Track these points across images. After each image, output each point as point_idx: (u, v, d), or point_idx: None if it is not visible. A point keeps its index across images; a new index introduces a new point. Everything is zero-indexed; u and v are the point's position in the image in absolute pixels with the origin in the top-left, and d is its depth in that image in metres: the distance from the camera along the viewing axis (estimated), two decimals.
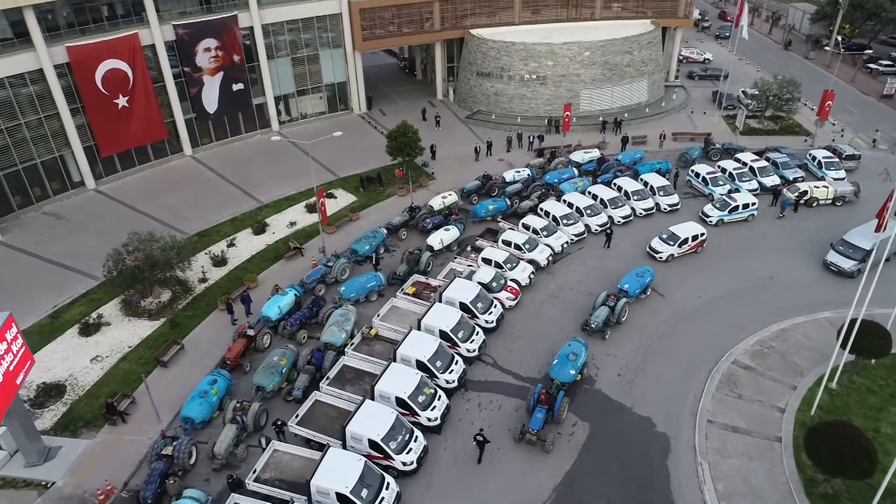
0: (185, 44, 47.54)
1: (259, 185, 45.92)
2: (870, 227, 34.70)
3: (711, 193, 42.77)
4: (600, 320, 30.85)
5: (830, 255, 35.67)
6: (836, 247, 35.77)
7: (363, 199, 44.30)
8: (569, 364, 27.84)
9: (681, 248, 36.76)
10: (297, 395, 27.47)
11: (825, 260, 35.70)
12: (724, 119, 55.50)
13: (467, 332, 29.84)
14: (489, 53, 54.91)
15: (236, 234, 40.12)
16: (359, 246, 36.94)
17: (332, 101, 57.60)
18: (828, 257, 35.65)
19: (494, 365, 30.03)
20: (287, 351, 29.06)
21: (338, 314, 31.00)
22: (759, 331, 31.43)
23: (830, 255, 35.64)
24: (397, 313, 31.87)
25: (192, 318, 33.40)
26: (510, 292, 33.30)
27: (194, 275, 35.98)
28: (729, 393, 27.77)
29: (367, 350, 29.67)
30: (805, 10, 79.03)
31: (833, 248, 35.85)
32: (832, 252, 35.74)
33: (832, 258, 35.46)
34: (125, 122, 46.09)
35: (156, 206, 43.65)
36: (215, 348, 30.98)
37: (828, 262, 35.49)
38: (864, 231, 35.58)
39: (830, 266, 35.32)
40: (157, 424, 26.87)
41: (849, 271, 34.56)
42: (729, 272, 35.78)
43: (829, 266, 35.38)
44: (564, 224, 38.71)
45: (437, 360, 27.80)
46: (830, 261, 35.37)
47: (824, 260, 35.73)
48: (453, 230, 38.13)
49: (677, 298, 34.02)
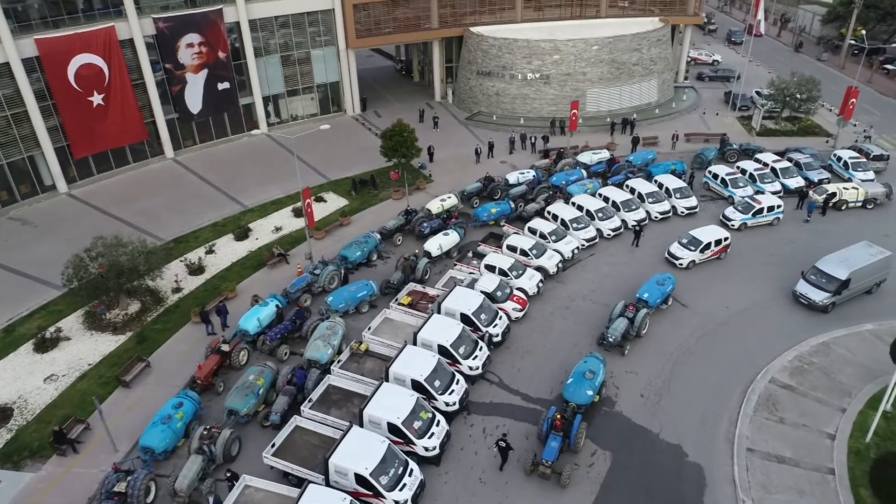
0: (166, 38, 44.55)
1: (244, 189, 42.70)
2: (848, 253, 30.88)
3: (732, 196, 39.62)
4: (618, 333, 27.48)
5: (800, 285, 30.43)
6: (807, 276, 30.45)
7: (355, 203, 41.06)
8: (585, 383, 24.42)
9: (703, 253, 33.48)
10: (275, 420, 23.96)
11: (794, 291, 30.56)
12: (739, 120, 52.57)
13: (469, 347, 26.43)
14: (490, 51, 52.01)
15: (216, 241, 36.77)
16: (349, 252, 33.63)
17: (324, 102, 54.58)
18: (797, 288, 30.43)
19: (500, 384, 26.57)
20: (265, 369, 25.60)
21: (324, 327, 27.59)
22: (797, 345, 28.04)
23: (800, 286, 30.38)
24: (391, 326, 28.46)
25: (162, 331, 29.96)
26: (517, 302, 29.95)
27: (167, 284, 32.59)
28: (769, 416, 24.32)
29: (355, 368, 26.22)
30: (815, 11, 76.63)
31: (804, 277, 30.60)
32: (802, 282, 30.49)
33: (802, 289, 30.22)
34: (100, 121, 42.92)
35: (131, 210, 40.39)
36: (186, 366, 27.50)
37: (797, 293, 30.35)
38: (839, 258, 30.67)
39: (800, 298, 30.19)
40: (113, 455, 23.36)
41: (821, 305, 29.51)
42: (757, 280, 32.48)
43: (799, 298, 30.27)
44: (574, 228, 35.45)
45: (436, 380, 24.36)
46: (800, 292, 30.19)
47: (793, 291, 30.64)
48: (453, 235, 34.86)
49: (702, 309, 30.67)
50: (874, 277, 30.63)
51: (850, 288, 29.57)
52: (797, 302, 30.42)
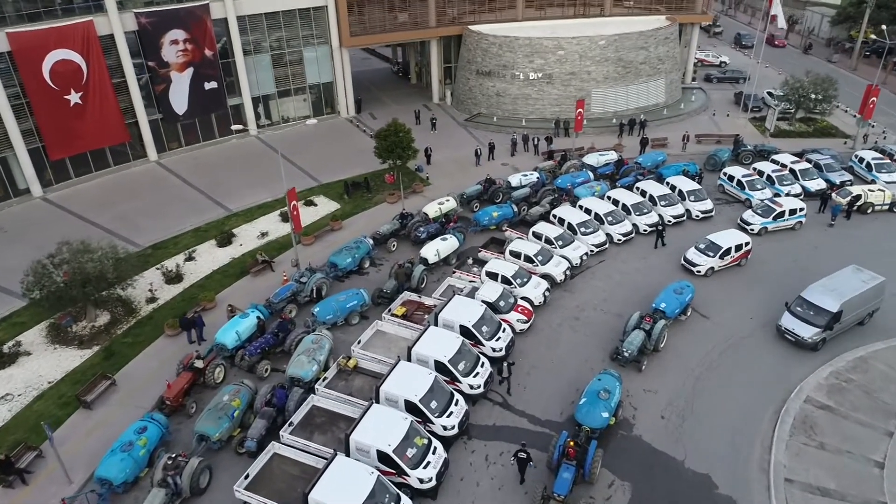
0: (149, 34, 42.18)
1: (230, 193, 40.17)
2: (836, 280, 26.93)
3: (749, 198, 37.13)
4: (635, 347, 24.84)
5: (785, 318, 26.32)
6: (793, 308, 26.39)
7: (348, 207, 38.51)
8: (600, 404, 21.76)
9: (722, 259, 30.91)
10: (251, 446, 21.25)
11: (778, 325, 26.51)
12: (751, 121, 50.22)
13: (470, 362, 23.78)
14: (490, 50, 49.72)
15: (197, 247, 34.19)
16: (339, 258, 31.04)
17: (317, 103, 52.19)
18: (781, 322, 26.35)
19: (505, 405, 23.88)
20: (242, 388, 22.92)
21: (308, 341, 24.93)
22: (832, 360, 25.41)
23: (785, 320, 26.28)
24: (383, 340, 25.82)
25: (133, 345, 27.30)
26: (521, 313, 27.32)
27: (140, 293, 29.98)
28: (807, 441, 21.65)
29: (343, 387, 23.55)
30: (824, 13, 74.66)
31: (788, 309, 26.54)
32: (787, 315, 26.36)
33: (787, 323, 26.10)
34: (78, 121, 40.45)
35: (108, 215, 37.81)
36: (155, 384, 24.80)
37: (781, 328, 26.30)
38: (827, 286, 26.53)
39: (785, 334, 26.14)
40: (68, 486, 20.63)
41: (809, 342, 25.44)
42: (782, 288, 29.83)
43: (784, 334, 26.22)
44: (582, 233, 32.91)
45: (433, 400, 21.70)
46: (785, 327, 26.12)
47: (777, 325, 26.62)
48: (451, 240, 32.30)
49: (724, 320, 28.05)
50: (867, 307, 26.76)
51: (843, 320, 25.70)
52: (782, 338, 26.32)
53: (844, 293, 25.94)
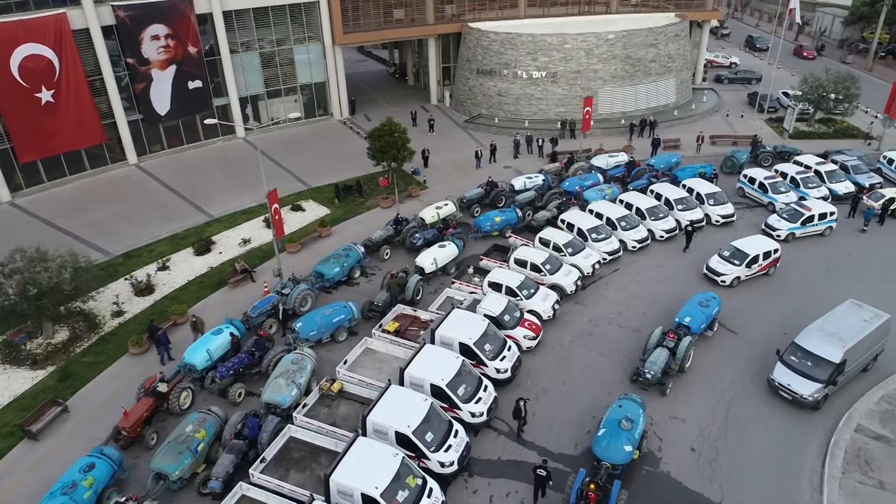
0: (128, 29, 39.51)
1: (212, 197, 37.34)
2: (834, 321, 22.45)
3: (772, 202, 34.33)
4: (658, 368, 21.88)
5: (778, 372, 21.72)
6: (786, 357, 21.85)
7: (338, 212, 35.67)
8: (622, 435, 18.80)
9: (749, 268, 28.03)
10: (215, 486, 18.24)
11: (770, 379, 21.85)
12: (767, 122, 47.52)
13: (471, 386, 20.82)
14: (491, 48, 47.09)
15: (172, 255, 31.30)
16: (326, 268, 28.13)
17: (308, 104, 49.50)
18: (774, 376, 21.72)
19: (511, 435, 20.90)
20: (208, 417, 19.95)
21: (288, 361, 21.98)
22: (881, 381, 22.45)
23: (778, 374, 21.67)
24: (372, 359, 22.88)
25: (93, 365, 24.34)
26: (529, 328, 24.38)
27: (105, 307, 27.06)
28: (863, 479, 18.66)
29: (325, 415, 20.57)
30: (835, 13, 72.30)
31: (781, 359, 21.99)
32: (779, 367, 21.79)
33: (781, 378, 21.50)
34: (50, 120, 37.67)
35: (80, 221, 34.98)
36: (114, 410, 21.75)
37: (774, 383, 21.69)
38: (825, 329, 21.99)
39: (779, 391, 21.62)
40: None
41: (810, 401, 20.93)
42: (816, 300, 26.87)
43: (778, 390, 21.70)
44: (594, 239, 30.05)
45: (428, 432, 18.74)
46: (779, 382, 21.52)
47: (769, 379, 21.93)
48: (450, 247, 29.43)
49: (754, 336, 25.11)
50: (872, 351, 22.48)
51: (846, 371, 21.45)
52: (776, 394, 21.77)
53: (846, 338, 21.49)
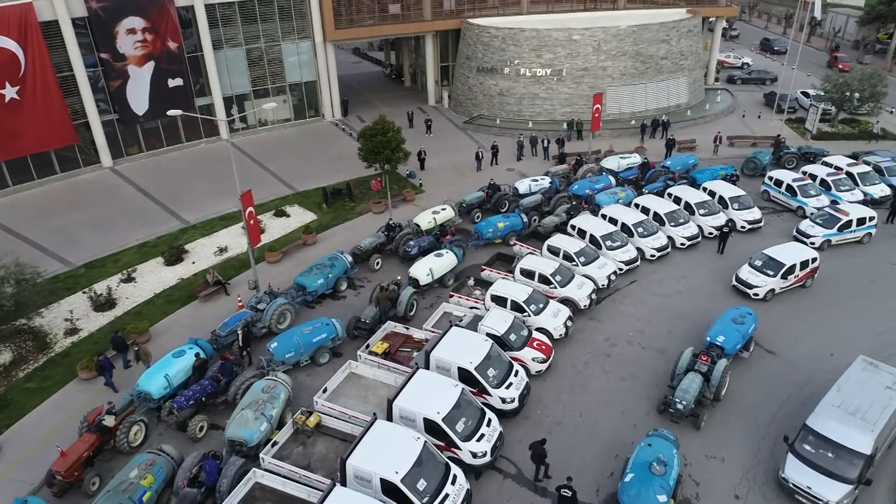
0: (102, 22, 36.66)
1: (190, 202, 34.32)
2: (851, 393, 17.85)
3: (802, 206, 31.30)
4: (691, 397, 18.69)
5: (790, 466, 16.73)
6: (798, 447, 16.99)
7: (326, 218, 32.61)
8: (654, 482, 15.59)
9: (785, 279, 24.91)
10: None
11: (783, 478, 16.70)
12: (787, 123, 44.60)
13: (472, 420, 17.63)
14: (492, 44, 44.26)
15: (139, 266, 28.21)
16: (308, 279, 25.00)
17: (298, 105, 46.61)
18: (786, 473, 16.69)
19: (518, 477, 17.66)
20: (158, 458, 16.73)
21: (258, 389, 18.80)
22: None
23: (790, 469, 16.67)
24: (356, 387, 19.68)
25: (36, 392, 21.17)
26: (538, 350, 21.21)
27: (58, 324, 23.90)
28: None
29: (299, 455, 17.35)
30: (850, 13, 69.75)
31: (792, 450, 17.04)
32: (791, 460, 16.85)
33: (796, 476, 16.50)
34: (15, 119, 34.76)
35: (43, 228, 31.96)
36: (54, 448, 18.56)
37: (789, 483, 16.57)
38: (842, 406, 17.42)
39: (795, 493, 16.52)
40: None
41: None
42: (862, 315, 23.87)
43: (794, 493, 16.55)
44: (608, 247, 26.96)
45: (421, 478, 15.52)
46: (794, 483, 16.48)
47: (781, 477, 16.79)
48: (448, 256, 26.32)
49: (797, 357, 21.95)
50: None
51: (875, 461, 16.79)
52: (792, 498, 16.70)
53: (872, 417, 16.95)
